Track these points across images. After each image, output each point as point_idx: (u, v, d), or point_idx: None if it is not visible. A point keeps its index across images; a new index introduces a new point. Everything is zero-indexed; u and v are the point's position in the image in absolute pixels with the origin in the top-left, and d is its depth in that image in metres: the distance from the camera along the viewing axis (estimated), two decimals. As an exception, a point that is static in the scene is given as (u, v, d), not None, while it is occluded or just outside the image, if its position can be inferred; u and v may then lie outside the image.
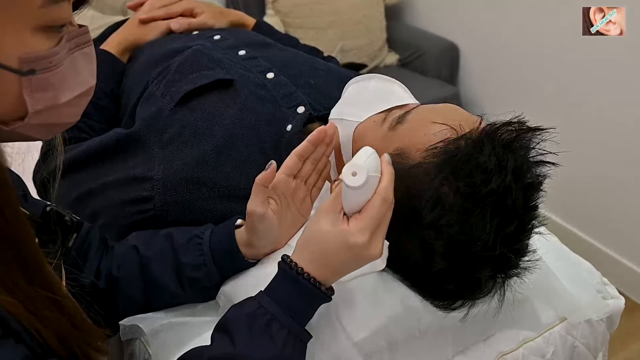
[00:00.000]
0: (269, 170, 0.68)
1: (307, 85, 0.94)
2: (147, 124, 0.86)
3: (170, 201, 0.79)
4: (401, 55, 2.55)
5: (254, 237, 0.71)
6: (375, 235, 0.59)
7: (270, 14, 2.43)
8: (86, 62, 0.50)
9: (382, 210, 0.59)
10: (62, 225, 0.63)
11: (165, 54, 1.01)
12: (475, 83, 2.37)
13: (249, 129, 0.84)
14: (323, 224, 0.60)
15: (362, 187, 0.58)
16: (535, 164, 0.65)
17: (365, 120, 0.76)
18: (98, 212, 0.84)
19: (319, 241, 0.60)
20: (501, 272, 0.67)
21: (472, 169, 0.62)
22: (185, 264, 0.72)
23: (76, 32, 0.48)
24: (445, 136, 0.66)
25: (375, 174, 0.60)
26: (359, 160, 0.60)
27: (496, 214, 0.62)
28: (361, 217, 0.59)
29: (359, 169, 0.58)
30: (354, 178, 0.57)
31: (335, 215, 0.60)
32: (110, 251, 0.77)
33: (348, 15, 2.45)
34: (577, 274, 0.81)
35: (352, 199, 0.59)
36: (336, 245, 0.59)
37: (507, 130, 0.64)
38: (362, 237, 0.58)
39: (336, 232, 0.59)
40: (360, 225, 0.59)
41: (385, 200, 0.59)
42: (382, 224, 0.60)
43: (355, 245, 0.58)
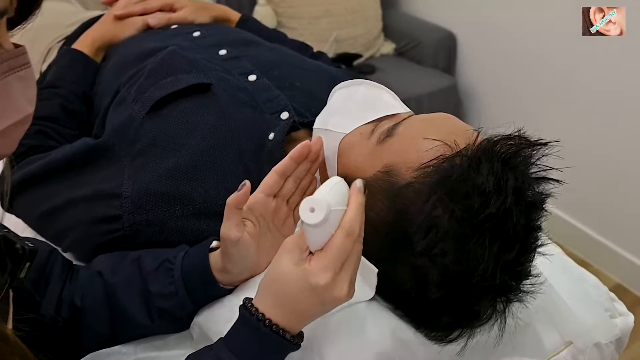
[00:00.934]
0: (242, 191, 0.61)
1: (292, 87, 0.87)
2: (117, 133, 0.79)
3: (140, 220, 0.72)
4: (397, 45, 2.47)
5: (229, 263, 0.64)
6: (341, 275, 0.53)
7: (262, 3, 2.35)
8: (23, 86, 0.43)
9: (345, 246, 0.53)
10: (12, 254, 0.56)
11: (139, 55, 0.94)
12: (473, 73, 2.30)
13: (228, 138, 0.78)
14: (285, 263, 0.54)
15: (323, 224, 0.52)
16: (537, 180, 0.58)
17: (351, 132, 0.69)
18: (64, 231, 0.78)
19: (280, 283, 0.54)
20: (502, 298, 0.61)
21: (469, 191, 0.55)
22: (155, 293, 0.66)
23: (8, 54, 0.41)
24: (439, 153, 0.59)
25: (340, 207, 0.54)
26: (319, 193, 0.53)
27: (496, 239, 0.55)
28: (323, 255, 0.53)
29: (317, 204, 0.51)
30: (312, 214, 0.51)
31: (299, 254, 0.54)
32: (75, 277, 0.70)
33: (343, 4, 2.37)
34: (582, 291, 0.75)
35: (314, 236, 0.53)
36: (298, 287, 0.53)
37: (506, 145, 0.57)
38: (324, 278, 0.52)
39: (298, 272, 0.53)
40: (321, 264, 0.53)
41: (349, 235, 0.53)
42: (349, 262, 0.54)
43: (317, 287, 0.52)
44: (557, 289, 0.72)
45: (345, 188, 0.56)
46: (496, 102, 2.23)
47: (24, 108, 0.44)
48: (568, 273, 0.77)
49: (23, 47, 0.43)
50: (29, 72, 0.43)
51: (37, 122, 0.89)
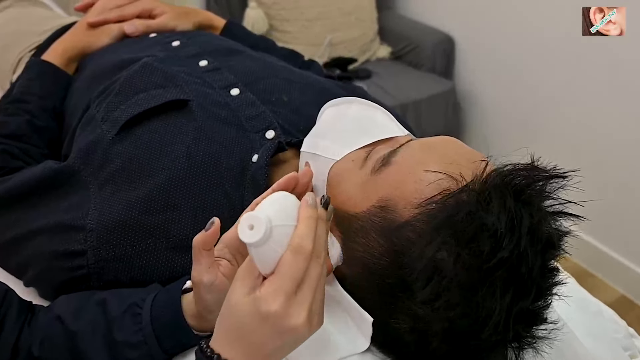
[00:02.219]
0: (210, 231, 0.53)
1: (279, 102, 0.79)
2: (84, 156, 0.71)
3: (107, 257, 0.64)
4: (394, 48, 2.41)
5: (204, 309, 0.57)
6: (296, 299, 0.45)
7: (253, 6, 2.28)
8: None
9: (295, 265, 0.46)
10: None
11: (112, 67, 0.86)
12: (471, 77, 2.24)
13: (207, 161, 0.70)
14: (236, 293, 0.47)
15: (266, 242, 0.45)
16: (553, 215, 0.51)
17: (342, 158, 0.61)
18: (25, 264, 0.70)
19: (232, 315, 0.47)
20: (514, 345, 0.53)
21: (477, 232, 0.47)
22: (121, 342, 0.58)
23: None
24: (442, 187, 0.51)
25: (287, 222, 0.47)
26: (259, 208, 0.47)
27: (508, 287, 0.48)
28: (272, 278, 0.46)
29: (256, 221, 0.45)
30: (251, 232, 0.45)
31: (250, 281, 0.47)
32: (34, 321, 0.62)
33: (337, 5, 2.30)
34: (599, 328, 0.68)
35: (260, 258, 0.46)
36: (249, 317, 0.46)
37: (518, 177, 0.50)
38: (274, 303, 0.45)
39: (248, 301, 0.46)
40: (271, 288, 0.45)
41: (298, 252, 0.46)
42: (306, 284, 0.46)
43: (268, 314, 0.45)
44: (572, 325, 0.65)
45: (294, 203, 0.49)
46: (495, 106, 2.17)
47: None
48: (583, 307, 0.69)
49: None
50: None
51: (2, 140, 0.82)
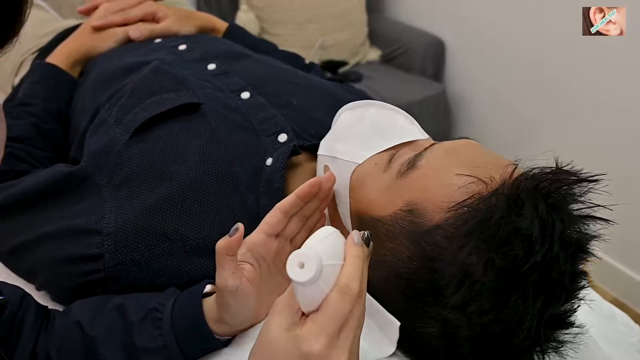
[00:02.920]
0: (235, 237, 0.52)
1: (289, 106, 0.79)
2: (96, 160, 0.70)
3: (125, 261, 0.64)
4: (384, 51, 2.42)
5: (227, 314, 0.56)
6: (338, 342, 0.44)
7: (245, 9, 2.27)
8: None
9: (342, 307, 0.44)
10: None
11: (120, 71, 0.86)
12: (462, 80, 2.26)
13: (222, 165, 0.69)
14: (274, 328, 0.45)
15: (315, 281, 0.43)
16: (582, 219, 0.51)
17: (364, 162, 0.61)
18: (36, 269, 0.69)
19: (270, 350, 0.45)
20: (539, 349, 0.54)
21: (510, 237, 0.48)
22: (141, 348, 0.57)
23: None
24: (473, 191, 0.51)
25: (335, 262, 0.46)
26: (308, 245, 0.45)
27: (540, 292, 0.48)
28: (316, 317, 0.44)
29: (307, 259, 0.43)
30: (301, 271, 0.43)
31: (289, 316, 0.45)
32: (51, 326, 0.61)
33: (328, 8, 2.30)
34: (614, 332, 0.69)
35: (305, 296, 0.45)
36: (288, 355, 0.44)
37: (549, 181, 0.50)
38: (316, 344, 0.43)
39: (288, 338, 0.44)
40: (314, 328, 0.44)
41: (345, 294, 0.44)
42: (348, 326, 0.44)
43: (309, 355, 0.43)
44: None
45: (341, 240, 0.47)
46: (486, 109, 2.19)
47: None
48: (597, 311, 0.70)
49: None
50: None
51: (7, 143, 0.80)
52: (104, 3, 1.02)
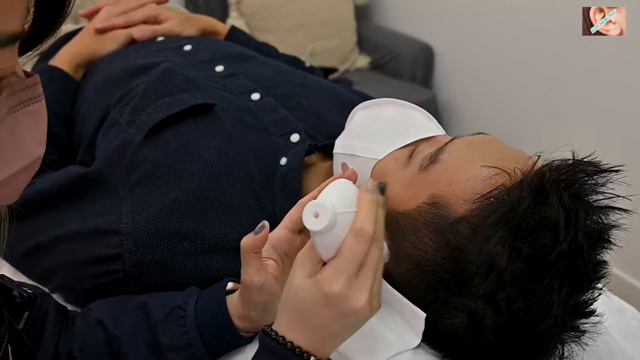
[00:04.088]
0: (260, 235, 0.53)
1: (299, 107, 0.80)
2: (110, 160, 0.70)
3: (144, 260, 0.63)
4: (373, 58, 2.44)
5: (253, 310, 0.57)
6: (357, 281, 0.46)
7: (234, 16, 2.27)
8: (32, 123, 0.35)
9: (357, 248, 0.46)
10: (9, 303, 0.50)
11: (127, 72, 0.85)
12: (451, 86, 2.29)
13: (236, 164, 0.70)
14: (297, 277, 0.48)
15: (331, 229, 0.46)
16: (603, 209, 0.53)
17: (384, 158, 0.62)
18: (51, 272, 0.69)
19: (294, 299, 0.48)
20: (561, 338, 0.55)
21: (538, 226, 0.49)
22: (166, 345, 0.57)
23: (20, 84, 0.33)
24: (497, 182, 0.52)
25: (349, 209, 0.48)
26: (322, 196, 0.48)
27: (565, 280, 0.50)
28: (334, 261, 0.47)
29: (321, 209, 0.46)
30: (316, 220, 0.46)
31: (311, 266, 0.48)
32: (71, 326, 0.61)
33: (317, 16, 2.32)
34: (624, 324, 0.71)
35: (323, 244, 0.47)
36: (312, 299, 0.47)
37: (571, 172, 0.52)
38: (336, 285, 0.46)
39: (310, 284, 0.47)
40: (333, 270, 0.46)
41: (360, 235, 0.46)
42: (366, 267, 0.47)
43: (330, 295, 0.46)
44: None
45: (354, 190, 0.50)
46: (476, 115, 2.22)
47: (33, 150, 0.35)
48: (607, 304, 0.72)
49: (35, 76, 0.35)
50: (40, 107, 0.35)
51: None
52: (106, 6, 1.02)
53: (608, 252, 0.53)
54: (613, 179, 0.52)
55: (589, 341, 0.57)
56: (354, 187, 0.50)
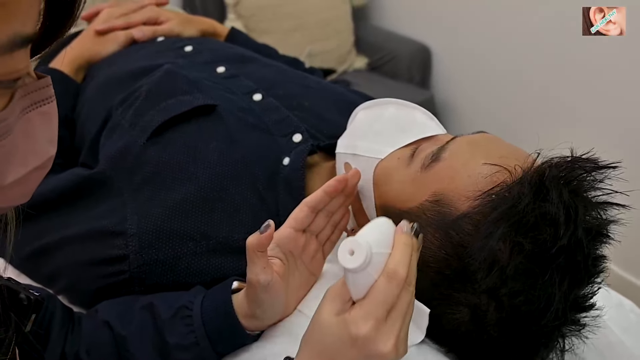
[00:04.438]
0: (266, 234, 0.53)
1: (300, 107, 0.81)
2: (114, 162, 0.71)
3: (150, 261, 0.64)
4: (370, 59, 2.45)
5: (258, 309, 0.57)
6: (386, 326, 0.45)
7: (232, 18, 2.28)
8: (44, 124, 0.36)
9: (389, 292, 0.45)
10: (16, 306, 0.50)
11: (129, 74, 0.86)
12: (449, 86, 2.30)
13: (239, 165, 0.70)
14: (325, 313, 0.47)
15: (365, 268, 0.45)
16: (601, 205, 0.54)
17: (387, 157, 0.63)
18: (57, 274, 0.69)
19: (320, 335, 0.47)
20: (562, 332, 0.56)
21: (538, 222, 0.50)
22: (173, 345, 0.58)
23: (33, 85, 0.34)
24: (498, 180, 0.54)
25: (384, 250, 0.47)
26: (360, 234, 0.47)
27: (566, 274, 0.51)
28: (364, 302, 0.46)
29: (357, 247, 0.45)
30: (351, 258, 0.45)
31: (341, 304, 0.47)
32: (77, 327, 0.61)
33: (315, 17, 2.33)
34: (623, 318, 0.72)
35: (355, 283, 0.47)
36: (338, 338, 0.46)
37: (569, 169, 0.53)
38: (364, 327, 0.45)
39: (338, 322, 0.46)
40: (362, 312, 0.45)
41: (392, 279, 0.45)
42: (396, 311, 0.46)
43: (357, 337, 0.45)
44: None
45: (392, 230, 0.49)
46: (474, 114, 2.23)
47: (45, 150, 0.36)
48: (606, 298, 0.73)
49: (47, 78, 0.36)
50: (51, 107, 0.36)
51: None
52: (107, 8, 1.03)
53: (607, 247, 0.54)
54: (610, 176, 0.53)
55: (588, 334, 0.58)
56: (391, 227, 0.49)
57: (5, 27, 0.29)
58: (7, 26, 0.29)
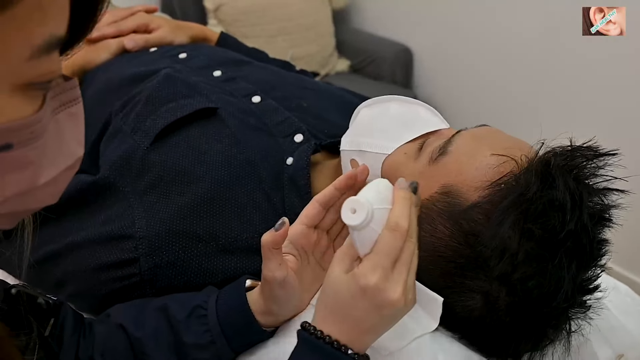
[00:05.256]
0: (281, 231, 0.54)
1: (300, 108, 0.82)
2: (118, 167, 0.71)
3: (160, 263, 0.64)
4: (352, 61, 2.47)
5: (274, 305, 0.58)
6: (393, 275, 0.48)
7: (213, 23, 2.28)
8: (73, 125, 0.36)
9: (392, 243, 0.48)
10: (34, 310, 0.51)
11: (127, 80, 0.86)
12: (431, 86, 2.33)
13: (245, 166, 0.71)
14: (336, 273, 0.50)
15: (368, 225, 0.48)
16: (603, 191, 0.56)
17: (393, 153, 0.65)
18: (64, 280, 0.69)
19: (332, 293, 0.50)
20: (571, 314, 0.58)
21: (547, 208, 0.52)
22: (190, 344, 0.58)
23: (62, 87, 0.35)
24: (505, 170, 0.56)
25: (385, 205, 0.50)
26: (360, 193, 0.50)
27: (573, 258, 0.53)
28: (370, 255, 0.49)
29: (358, 205, 0.48)
30: (354, 216, 0.48)
31: (349, 262, 0.50)
32: (89, 333, 0.61)
33: (296, 21, 2.35)
34: (619, 301, 0.74)
35: (361, 240, 0.49)
36: (349, 292, 0.48)
37: (572, 157, 0.55)
38: (372, 277, 0.47)
39: (348, 278, 0.49)
40: (369, 264, 0.48)
41: (395, 230, 0.48)
42: (401, 261, 0.48)
43: (367, 288, 0.47)
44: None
45: (388, 187, 0.51)
46: (456, 113, 2.26)
47: (75, 151, 0.37)
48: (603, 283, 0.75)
49: (74, 80, 0.36)
50: (79, 109, 0.37)
51: None
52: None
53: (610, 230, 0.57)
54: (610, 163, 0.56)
55: (593, 316, 0.60)
56: (389, 185, 0.51)
57: (42, 29, 0.30)
58: (44, 28, 0.30)
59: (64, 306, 0.62)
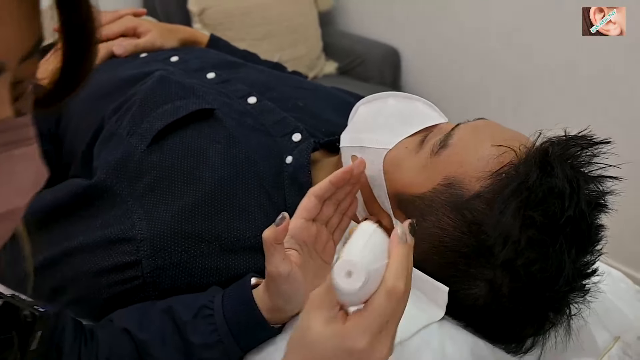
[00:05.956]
0: (282, 226, 0.54)
1: (296, 108, 0.83)
2: (114, 171, 0.70)
3: (162, 265, 0.64)
4: (340, 63, 2.48)
5: (281, 300, 0.58)
6: (381, 337, 0.44)
7: (197, 27, 2.27)
8: (16, 169, 0.31)
9: (388, 307, 0.44)
10: (18, 324, 0.47)
11: (119, 83, 0.86)
12: (419, 86, 2.35)
13: (245, 166, 0.72)
14: (314, 321, 0.45)
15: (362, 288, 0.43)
16: (598, 179, 0.58)
17: (395, 147, 0.66)
18: (62, 286, 0.68)
19: (311, 344, 0.45)
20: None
21: (546, 196, 0.54)
22: (197, 345, 0.58)
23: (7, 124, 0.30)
24: (505, 160, 0.57)
25: (380, 262, 0.44)
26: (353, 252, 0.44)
27: (573, 243, 0.55)
28: (361, 316, 0.44)
29: (354, 268, 0.42)
30: (349, 280, 0.42)
31: (328, 311, 0.45)
32: (91, 339, 0.61)
33: (283, 24, 2.34)
34: (614, 286, 0.76)
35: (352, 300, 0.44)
36: (331, 349, 0.44)
37: (569, 146, 0.57)
38: (361, 341, 0.43)
39: (330, 333, 0.44)
40: (359, 326, 0.44)
41: (392, 293, 0.43)
42: (391, 322, 0.45)
43: (353, 351, 0.43)
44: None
45: (382, 238, 0.46)
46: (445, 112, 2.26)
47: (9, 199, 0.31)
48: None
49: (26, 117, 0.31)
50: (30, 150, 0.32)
51: None
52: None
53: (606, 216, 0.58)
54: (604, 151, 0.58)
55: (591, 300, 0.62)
56: (383, 235, 0.46)
57: None
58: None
59: (63, 314, 0.61)
